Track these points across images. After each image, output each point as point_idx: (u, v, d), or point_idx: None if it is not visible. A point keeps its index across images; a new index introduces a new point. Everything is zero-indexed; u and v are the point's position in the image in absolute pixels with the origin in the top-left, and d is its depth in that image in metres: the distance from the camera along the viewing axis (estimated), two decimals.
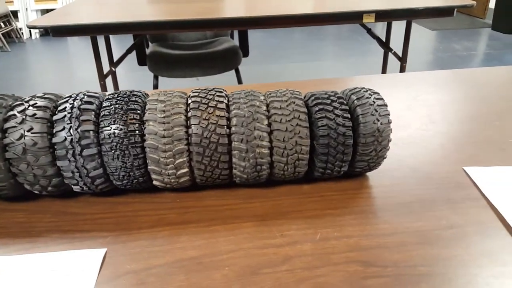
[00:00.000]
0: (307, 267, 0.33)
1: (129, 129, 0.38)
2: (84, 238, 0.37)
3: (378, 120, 0.40)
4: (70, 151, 0.37)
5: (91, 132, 0.38)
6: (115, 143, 0.38)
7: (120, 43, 1.73)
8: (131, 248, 0.36)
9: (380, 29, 4.18)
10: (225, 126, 0.39)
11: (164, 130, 0.38)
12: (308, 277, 0.32)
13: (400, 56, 1.80)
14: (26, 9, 4.53)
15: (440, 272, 0.32)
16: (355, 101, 0.41)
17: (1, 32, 4.08)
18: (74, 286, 0.31)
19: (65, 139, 0.37)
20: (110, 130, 0.38)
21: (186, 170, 0.40)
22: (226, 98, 0.41)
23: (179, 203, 0.41)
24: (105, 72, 1.63)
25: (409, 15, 1.55)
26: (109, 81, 1.72)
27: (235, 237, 0.36)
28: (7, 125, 0.38)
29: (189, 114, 0.39)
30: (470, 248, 0.34)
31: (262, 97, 0.41)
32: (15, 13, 4.46)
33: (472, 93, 0.67)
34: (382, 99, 0.41)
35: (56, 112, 0.39)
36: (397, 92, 0.68)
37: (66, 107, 0.39)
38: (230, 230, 0.37)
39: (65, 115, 0.38)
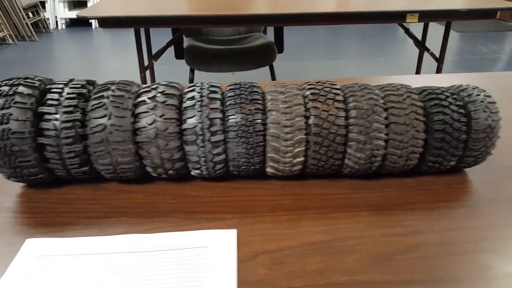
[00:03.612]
0: (437, 255, 0.34)
1: (254, 118, 0.40)
2: (210, 219, 0.39)
3: (490, 117, 0.41)
4: (200, 137, 0.39)
5: (219, 119, 0.40)
6: (240, 131, 0.40)
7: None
8: (259, 230, 0.37)
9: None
10: (343, 118, 0.40)
11: (287, 120, 0.40)
12: (441, 264, 0.33)
13: (437, 57, 1.79)
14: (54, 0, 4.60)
15: None
16: (466, 97, 0.42)
17: (30, 22, 4.16)
18: (218, 262, 0.33)
19: (196, 125, 0.39)
20: (237, 118, 0.40)
21: (302, 159, 0.41)
22: (342, 90, 0.42)
23: (288, 190, 0.43)
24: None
25: (452, 16, 1.55)
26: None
27: (357, 224, 0.38)
28: (138, 110, 0.40)
29: (308, 105, 0.41)
30: None
31: (377, 91, 0.42)
32: (42, 4, 4.53)
33: None
34: (491, 96, 0.42)
35: (185, 100, 0.41)
36: None
37: (194, 95, 0.41)
38: (349, 218, 0.39)
39: (195, 103, 0.40)
